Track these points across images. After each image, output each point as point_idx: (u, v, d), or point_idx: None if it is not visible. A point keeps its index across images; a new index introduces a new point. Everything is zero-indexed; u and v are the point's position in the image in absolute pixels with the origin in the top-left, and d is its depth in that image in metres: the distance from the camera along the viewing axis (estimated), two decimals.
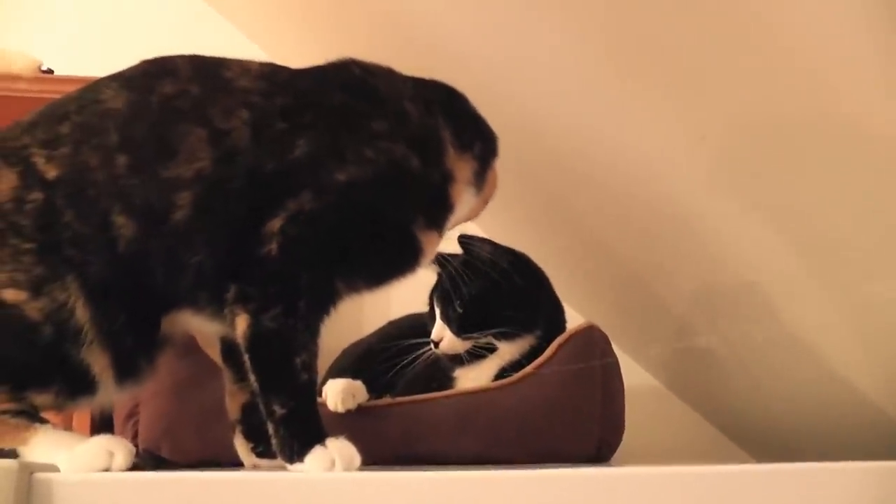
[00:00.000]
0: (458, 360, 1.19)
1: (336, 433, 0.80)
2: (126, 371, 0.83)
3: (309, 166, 0.84)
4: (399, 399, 1.14)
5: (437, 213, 0.92)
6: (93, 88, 0.86)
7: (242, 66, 0.88)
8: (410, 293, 1.12)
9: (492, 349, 1.17)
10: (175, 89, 0.84)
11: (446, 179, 0.91)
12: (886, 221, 0.92)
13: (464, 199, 0.95)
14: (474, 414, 1.09)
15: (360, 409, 1.10)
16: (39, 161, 0.82)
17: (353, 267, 0.86)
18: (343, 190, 0.84)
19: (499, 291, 1.16)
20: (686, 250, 1.26)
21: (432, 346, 1.18)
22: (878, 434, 1.21)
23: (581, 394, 1.11)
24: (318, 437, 0.79)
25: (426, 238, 0.90)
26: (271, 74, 0.88)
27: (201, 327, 0.89)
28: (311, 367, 0.81)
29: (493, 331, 1.16)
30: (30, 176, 0.82)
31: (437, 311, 1.20)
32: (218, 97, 0.84)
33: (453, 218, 0.95)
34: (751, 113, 0.94)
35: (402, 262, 0.90)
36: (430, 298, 1.23)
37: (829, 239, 1.01)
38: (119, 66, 0.89)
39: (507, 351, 1.17)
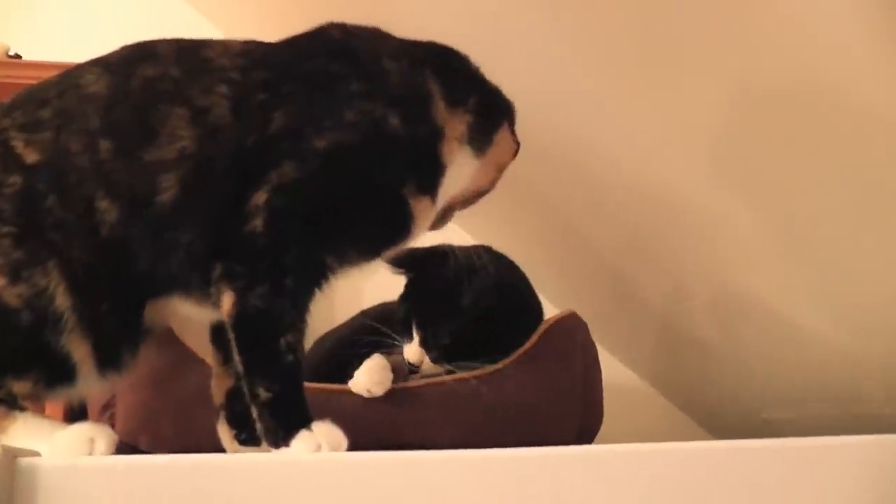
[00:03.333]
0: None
1: (320, 419, 0.79)
2: (107, 360, 0.82)
3: (287, 136, 0.82)
4: None
5: (427, 174, 0.88)
6: (73, 73, 0.85)
7: (224, 46, 0.87)
8: (383, 282, 1.11)
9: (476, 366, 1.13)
10: (156, 72, 0.84)
11: (435, 136, 0.88)
12: (867, 196, 0.93)
13: (458, 159, 0.90)
14: (459, 401, 1.09)
15: (345, 396, 1.08)
16: (18, 145, 0.81)
17: (342, 238, 0.84)
18: (324, 156, 0.82)
19: (488, 325, 1.12)
20: (663, 234, 1.28)
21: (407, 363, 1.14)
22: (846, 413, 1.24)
23: (563, 380, 1.13)
24: (303, 422, 0.78)
25: (417, 203, 0.86)
26: (250, 51, 0.87)
27: (189, 313, 0.88)
28: (297, 348, 0.80)
29: (482, 359, 1.12)
30: (8, 160, 0.80)
31: (417, 336, 1.14)
32: (197, 76, 0.83)
33: (449, 181, 0.90)
34: (734, 99, 0.94)
35: (392, 229, 0.87)
36: (406, 314, 1.16)
37: (806, 215, 1.02)
38: (90, 51, 0.88)
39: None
